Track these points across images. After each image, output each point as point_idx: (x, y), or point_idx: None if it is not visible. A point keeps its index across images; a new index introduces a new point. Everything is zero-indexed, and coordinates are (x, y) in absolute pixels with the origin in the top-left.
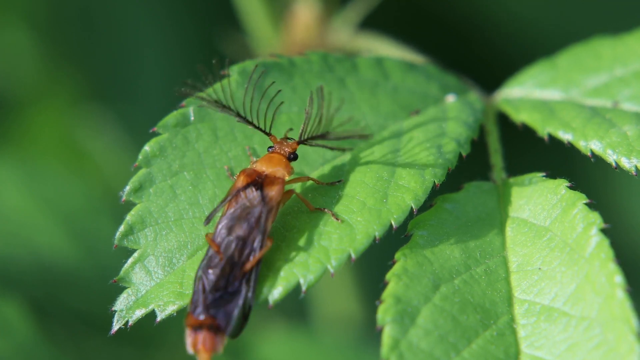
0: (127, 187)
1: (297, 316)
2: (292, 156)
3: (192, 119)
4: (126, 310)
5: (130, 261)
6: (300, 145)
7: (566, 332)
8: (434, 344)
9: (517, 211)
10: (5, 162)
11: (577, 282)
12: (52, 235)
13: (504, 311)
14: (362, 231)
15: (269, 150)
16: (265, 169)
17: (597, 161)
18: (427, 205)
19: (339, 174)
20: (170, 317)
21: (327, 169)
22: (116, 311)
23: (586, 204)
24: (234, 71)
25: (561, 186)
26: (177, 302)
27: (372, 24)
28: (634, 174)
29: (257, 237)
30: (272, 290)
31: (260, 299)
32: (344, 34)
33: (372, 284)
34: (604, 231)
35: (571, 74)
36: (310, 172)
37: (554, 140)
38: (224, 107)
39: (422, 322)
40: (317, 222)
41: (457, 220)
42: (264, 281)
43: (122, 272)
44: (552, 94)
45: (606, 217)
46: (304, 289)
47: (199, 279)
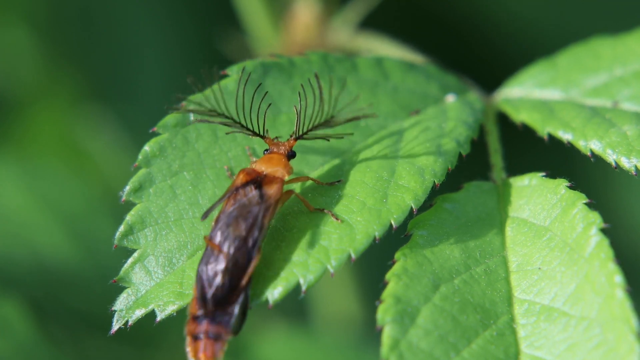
0: (127, 187)
1: (297, 316)
2: (290, 154)
3: (192, 119)
4: (126, 310)
5: (130, 261)
6: (298, 141)
7: (566, 332)
8: (433, 344)
9: (517, 211)
10: (5, 162)
11: (576, 282)
12: (52, 235)
13: (504, 311)
14: (362, 231)
15: (265, 152)
16: (264, 168)
17: (597, 161)
18: (426, 205)
19: (339, 174)
20: (170, 317)
21: (327, 169)
22: (116, 311)
23: (586, 204)
24: (233, 71)
25: (561, 186)
26: (177, 302)
27: (372, 24)
28: (634, 173)
29: (255, 236)
30: (272, 290)
31: (260, 299)
32: (344, 34)
33: (372, 284)
34: (604, 231)
35: (571, 73)
36: (310, 172)
37: (553, 140)
38: (219, 115)
39: (422, 322)
40: (317, 222)
41: (457, 220)
42: (264, 281)
43: (122, 272)
44: (552, 94)
45: (606, 217)
46: (304, 289)
47: (199, 279)
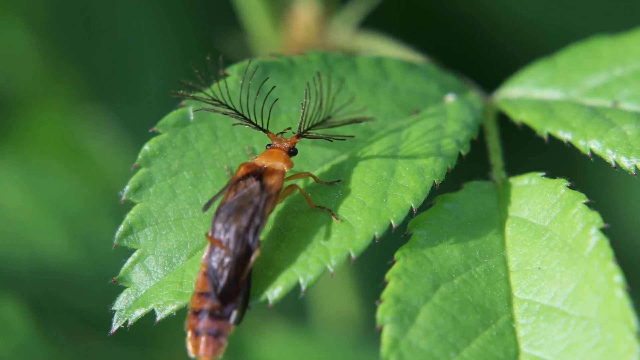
0: (127, 187)
1: (297, 316)
2: (291, 151)
3: (192, 118)
4: (126, 309)
5: (129, 261)
6: (300, 139)
7: (565, 331)
8: (433, 344)
9: (517, 211)
10: (5, 162)
11: (576, 281)
12: (52, 235)
13: (504, 311)
14: (361, 231)
15: (267, 147)
16: (265, 162)
17: (597, 161)
18: (426, 205)
19: (339, 174)
20: (169, 316)
21: (326, 168)
22: (116, 311)
23: (586, 204)
24: (233, 71)
25: (561, 186)
26: (177, 302)
27: (372, 24)
28: (634, 173)
29: (256, 225)
30: (272, 290)
31: (260, 298)
32: (344, 33)
33: (372, 284)
34: (604, 231)
35: (571, 73)
36: (310, 171)
37: (553, 139)
38: (222, 105)
39: (422, 322)
40: (317, 221)
41: (456, 219)
42: (264, 281)
43: (121, 272)
44: (551, 94)
45: (606, 217)
46: (304, 288)
47: (208, 274)
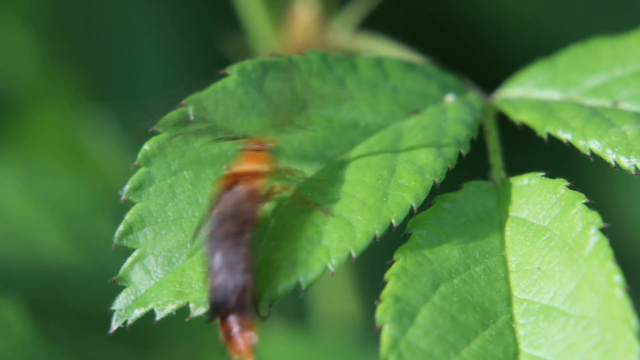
0: (127, 186)
1: (297, 316)
2: (267, 147)
3: (192, 118)
4: (125, 309)
5: (129, 260)
6: (279, 135)
7: (565, 331)
8: (433, 344)
9: (517, 211)
10: (5, 162)
11: (576, 281)
12: (52, 235)
13: (503, 311)
14: (362, 230)
15: (241, 152)
16: (240, 167)
17: (597, 161)
18: (426, 204)
19: (339, 173)
20: (169, 316)
21: (326, 168)
22: (115, 310)
23: (585, 204)
24: (233, 70)
25: (560, 186)
26: (177, 302)
27: (371, 24)
28: (633, 173)
29: (244, 231)
30: (272, 289)
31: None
32: (344, 34)
33: (372, 284)
34: (603, 230)
35: (570, 74)
36: (309, 172)
37: (553, 139)
38: (199, 131)
39: (421, 322)
40: (317, 221)
41: (456, 219)
42: (264, 281)
43: (121, 272)
44: (551, 94)
45: (605, 217)
46: (304, 288)
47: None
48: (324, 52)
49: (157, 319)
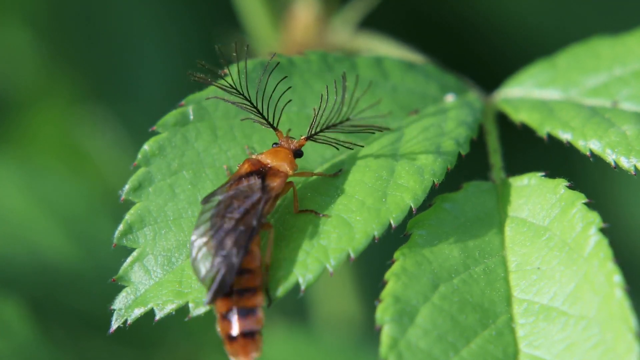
0: (127, 186)
1: (297, 316)
2: (298, 152)
3: (192, 118)
4: (125, 309)
5: (129, 260)
6: (308, 141)
7: (564, 331)
8: (432, 344)
9: (516, 211)
10: (5, 162)
11: (575, 281)
12: (52, 235)
13: (503, 311)
14: (361, 230)
15: (274, 145)
16: (270, 161)
17: (596, 161)
18: (426, 205)
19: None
20: (169, 316)
21: (326, 168)
22: (115, 310)
23: (585, 204)
24: (233, 71)
25: (560, 186)
26: (176, 301)
27: (371, 24)
28: (633, 173)
29: (251, 224)
30: (272, 289)
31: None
32: (344, 33)
33: (372, 284)
34: (603, 230)
35: (570, 73)
36: (310, 170)
37: (553, 139)
38: (240, 95)
39: (421, 322)
40: (317, 221)
41: (456, 219)
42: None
43: (121, 271)
44: (551, 94)
45: (605, 217)
46: (303, 288)
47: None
48: (324, 52)
49: (157, 318)
